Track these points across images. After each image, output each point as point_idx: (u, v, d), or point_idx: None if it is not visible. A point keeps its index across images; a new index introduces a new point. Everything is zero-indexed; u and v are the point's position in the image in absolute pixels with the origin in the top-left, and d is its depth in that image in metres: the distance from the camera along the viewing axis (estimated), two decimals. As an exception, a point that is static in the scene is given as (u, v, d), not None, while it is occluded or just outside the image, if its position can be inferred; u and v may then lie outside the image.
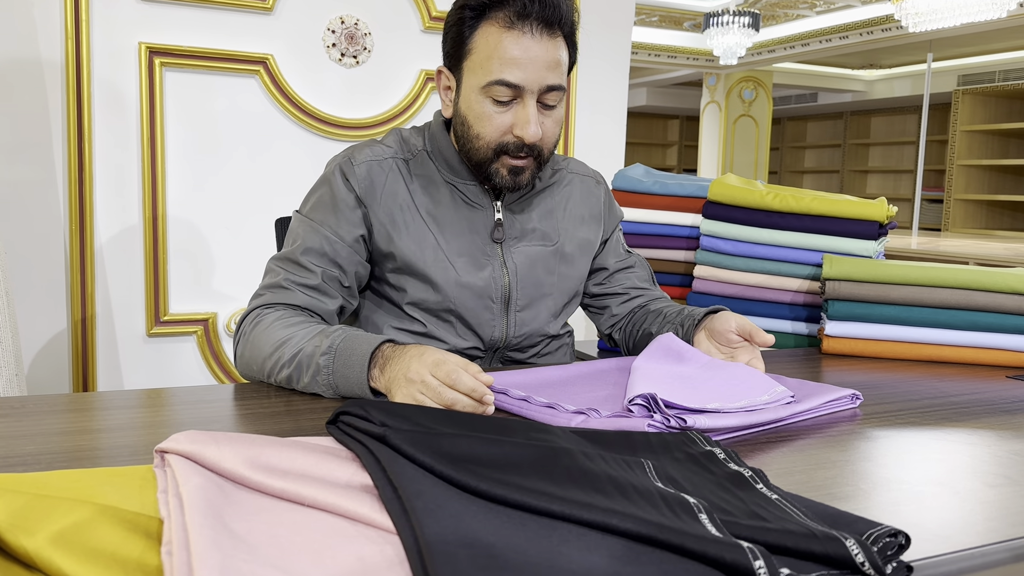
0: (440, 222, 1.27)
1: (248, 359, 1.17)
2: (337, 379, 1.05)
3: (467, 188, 1.29)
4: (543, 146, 1.22)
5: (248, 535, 0.56)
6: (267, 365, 1.13)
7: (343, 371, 1.04)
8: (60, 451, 0.85)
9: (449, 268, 1.26)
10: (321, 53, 2.33)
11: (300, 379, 1.09)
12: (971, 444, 0.97)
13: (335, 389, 1.06)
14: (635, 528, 0.58)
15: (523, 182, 1.24)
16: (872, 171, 9.81)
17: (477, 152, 1.22)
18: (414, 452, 0.66)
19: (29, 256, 2.10)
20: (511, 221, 1.31)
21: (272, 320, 1.16)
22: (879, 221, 1.65)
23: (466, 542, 0.53)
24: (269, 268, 1.26)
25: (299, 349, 1.09)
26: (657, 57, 7.65)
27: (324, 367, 1.06)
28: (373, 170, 1.26)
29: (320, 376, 1.06)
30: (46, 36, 2.06)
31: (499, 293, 1.29)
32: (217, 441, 0.69)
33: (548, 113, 1.21)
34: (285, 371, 1.10)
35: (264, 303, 1.21)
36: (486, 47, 1.17)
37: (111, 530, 0.57)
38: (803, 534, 0.60)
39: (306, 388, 1.09)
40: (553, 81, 1.18)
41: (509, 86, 1.17)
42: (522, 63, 1.16)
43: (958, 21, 4.75)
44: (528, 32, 1.16)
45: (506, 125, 1.19)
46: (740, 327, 1.21)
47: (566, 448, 0.72)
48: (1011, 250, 4.38)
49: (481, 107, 1.19)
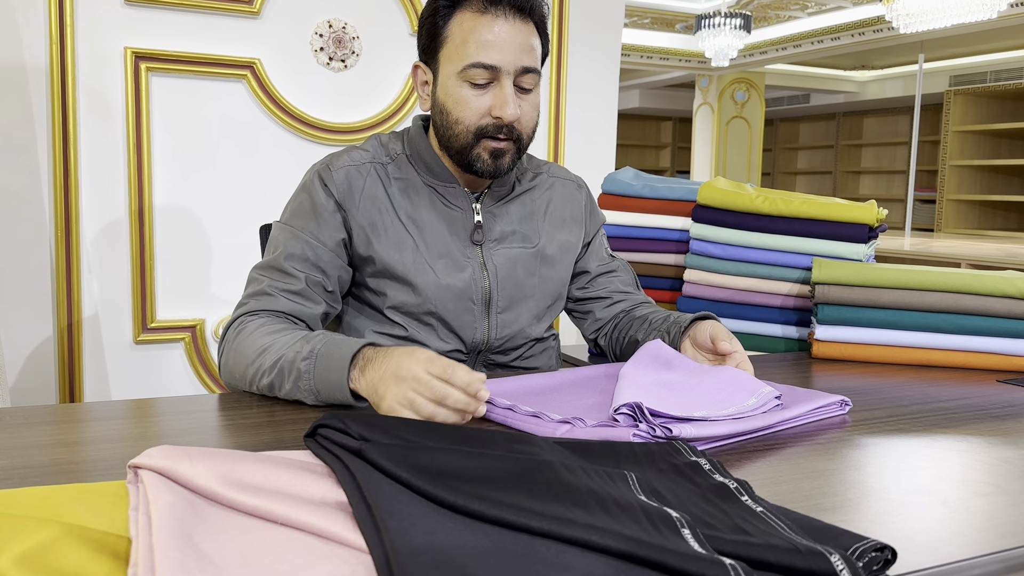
0: (419, 225, 1.27)
1: (231, 367, 1.15)
2: (318, 384, 1.03)
3: (446, 190, 1.30)
4: (522, 129, 1.25)
5: (217, 555, 0.55)
6: (249, 372, 1.11)
7: (324, 375, 1.02)
8: (35, 465, 0.84)
9: (428, 271, 1.26)
10: (309, 57, 2.32)
11: (282, 386, 1.07)
12: (961, 451, 0.95)
13: (316, 395, 1.04)
14: (615, 544, 0.57)
15: (504, 166, 1.25)
16: (865, 172, 9.82)
17: (457, 138, 1.24)
18: (391, 467, 0.65)
19: (14, 263, 2.08)
20: (491, 223, 1.32)
21: (255, 327, 1.15)
22: (869, 224, 1.64)
23: (438, 561, 0.52)
24: (252, 277, 1.25)
25: (280, 355, 1.08)
26: (649, 59, 7.65)
27: (305, 372, 1.04)
28: (351, 175, 1.26)
29: (302, 382, 1.05)
30: (30, 40, 2.04)
31: (479, 295, 1.29)
32: (190, 457, 0.67)
33: (525, 97, 1.24)
34: (267, 378, 1.08)
35: (248, 311, 1.20)
36: (461, 33, 1.21)
37: (77, 551, 0.56)
38: (787, 549, 0.59)
39: (288, 395, 1.07)
40: (528, 63, 1.22)
41: (486, 67, 1.19)
42: (497, 45, 1.19)
43: (949, 22, 4.76)
44: (501, 16, 1.20)
45: (484, 107, 1.22)
46: (712, 334, 1.21)
47: (547, 461, 0.70)
48: (1003, 250, 4.38)
49: (459, 91, 1.22)
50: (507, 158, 1.25)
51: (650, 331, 1.33)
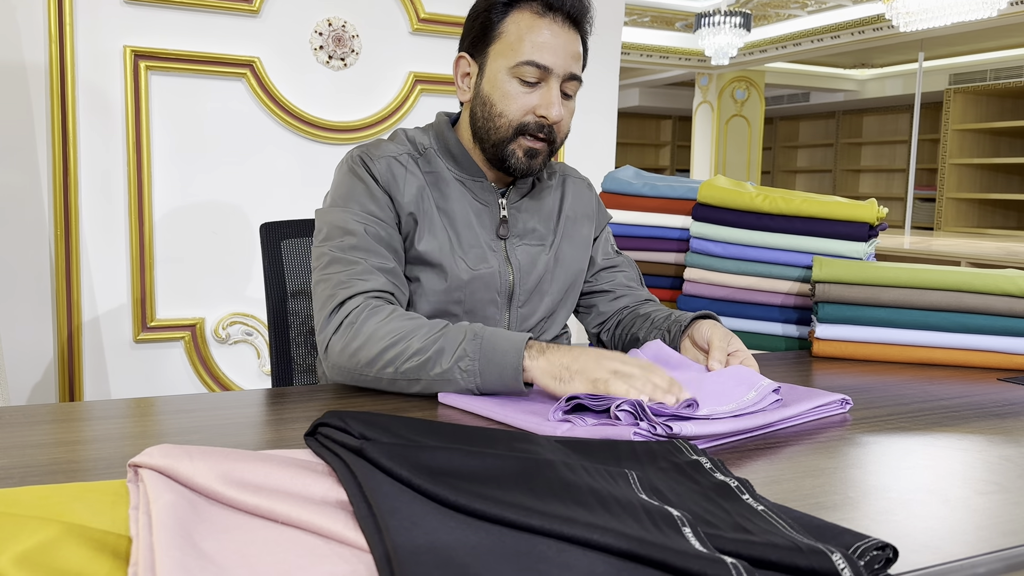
0: (451, 216, 1.29)
1: (355, 349, 1.11)
2: (484, 363, 1.04)
3: (474, 185, 1.32)
4: (559, 132, 1.28)
5: (217, 555, 0.55)
6: (388, 355, 1.08)
7: (490, 355, 1.04)
8: (34, 464, 0.84)
9: (460, 260, 1.28)
10: (308, 56, 2.31)
11: (437, 364, 1.06)
12: (962, 450, 0.95)
13: (479, 373, 1.04)
14: (616, 543, 0.57)
15: (536, 167, 1.28)
16: (864, 170, 9.82)
17: (498, 131, 1.26)
18: (391, 465, 0.65)
19: (14, 262, 2.07)
20: (515, 219, 1.34)
21: (390, 311, 1.13)
22: (869, 223, 1.64)
23: (439, 561, 0.52)
24: (336, 257, 1.20)
25: (436, 337, 1.07)
26: (649, 57, 7.65)
27: (471, 352, 1.05)
28: (392, 164, 1.28)
29: (463, 362, 1.05)
30: (29, 39, 2.04)
31: (504, 288, 1.32)
32: (191, 455, 0.67)
33: (566, 103, 1.27)
34: (414, 360, 1.06)
35: (364, 290, 1.16)
36: (517, 30, 1.23)
37: (77, 550, 0.56)
38: (788, 548, 0.59)
39: (438, 377, 1.06)
40: (575, 70, 1.26)
41: (539, 67, 1.23)
42: (552, 47, 1.23)
43: (949, 20, 4.76)
44: (558, 22, 1.24)
45: (530, 105, 1.24)
46: (708, 339, 1.22)
47: (548, 460, 0.70)
48: (1003, 249, 4.38)
49: (508, 86, 1.24)
50: (540, 159, 1.27)
51: (651, 329, 1.34)
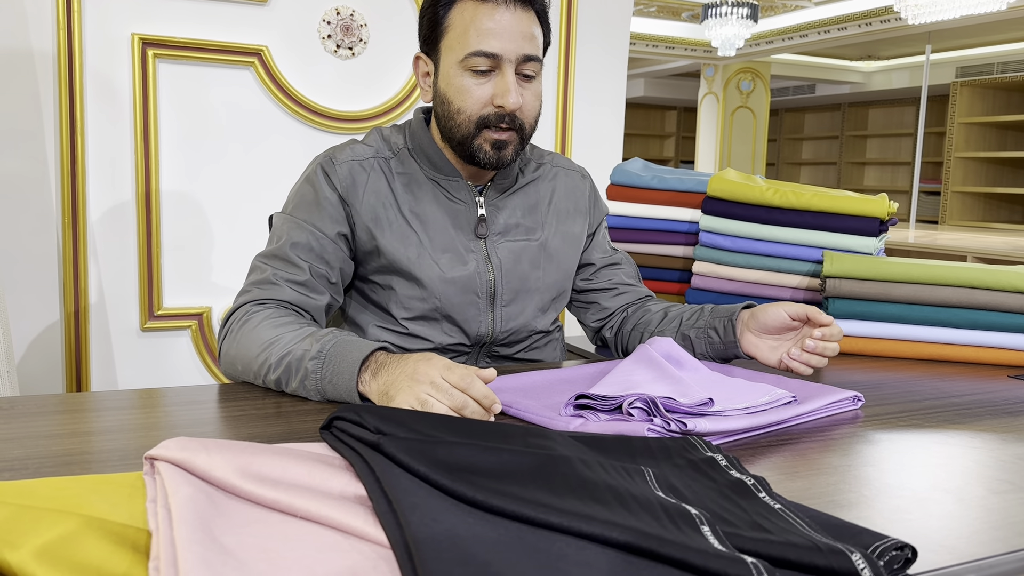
0: (423, 219, 1.27)
1: (232, 357, 1.15)
2: (325, 384, 1.03)
3: (449, 184, 1.29)
4: (524, 119, 1.24)
5: (238, 549, 0.55)
6: (254, 365, 1.10)
7: (331, 377, 1.02)
8: (49, 455, 0.84)
9: (433, 265, 1.26)
10: (316, 45, 2.30)
11: (288, 382, 1.07)
12: (974, 448, 0.95)
13: (322, 394, 1.04)
14: (635, 541, 0.57)
15: (506, 157, 1.24)
16: (869, 163, 9.79)
17: (459, 128, 1.23)
18: (409, 461, 0.64)
19: (21, 249, 2.07)
20: (494, 216, 1.31)
21: (261, 319, 1.14)
22: (880, 218, 1.63)
23: (461, 559, 0.52)
24: (255, 266, 1.24)
25: (288, 351, 1.07)
26: (655, 48, 7.62)
27: (312, 372, 1.04)
28: (355, 170, 1.26)
29: (308, 381, 1.04)
30: (37, 27, 2.03)
31: (484, 288, 1.29)
32: (207, 449, 0.67)
33: (527, 85, 1.23)
34: (274, 373, 1.08)
35: (253, 299, 1.19)
36: (462, 22, 1.20)
37: (97, 544, 0.56)
38: (807, 547, 0.59)
39: (294, 392, 1.07)
40: (529, 51, 1.21)
41: (487, 56, 1.19)
42: (498, 33, 1.19)
43: (957, 13, 4.73)
44: (502, 4, 1.19)
45: (486, 97, 1.21)
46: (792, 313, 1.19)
47: (565, 456, 0.70)
48: (1009, 243, 4.36)
49: (461, 81, 1.21)
50: (510, 149, 1.24)
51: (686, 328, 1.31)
